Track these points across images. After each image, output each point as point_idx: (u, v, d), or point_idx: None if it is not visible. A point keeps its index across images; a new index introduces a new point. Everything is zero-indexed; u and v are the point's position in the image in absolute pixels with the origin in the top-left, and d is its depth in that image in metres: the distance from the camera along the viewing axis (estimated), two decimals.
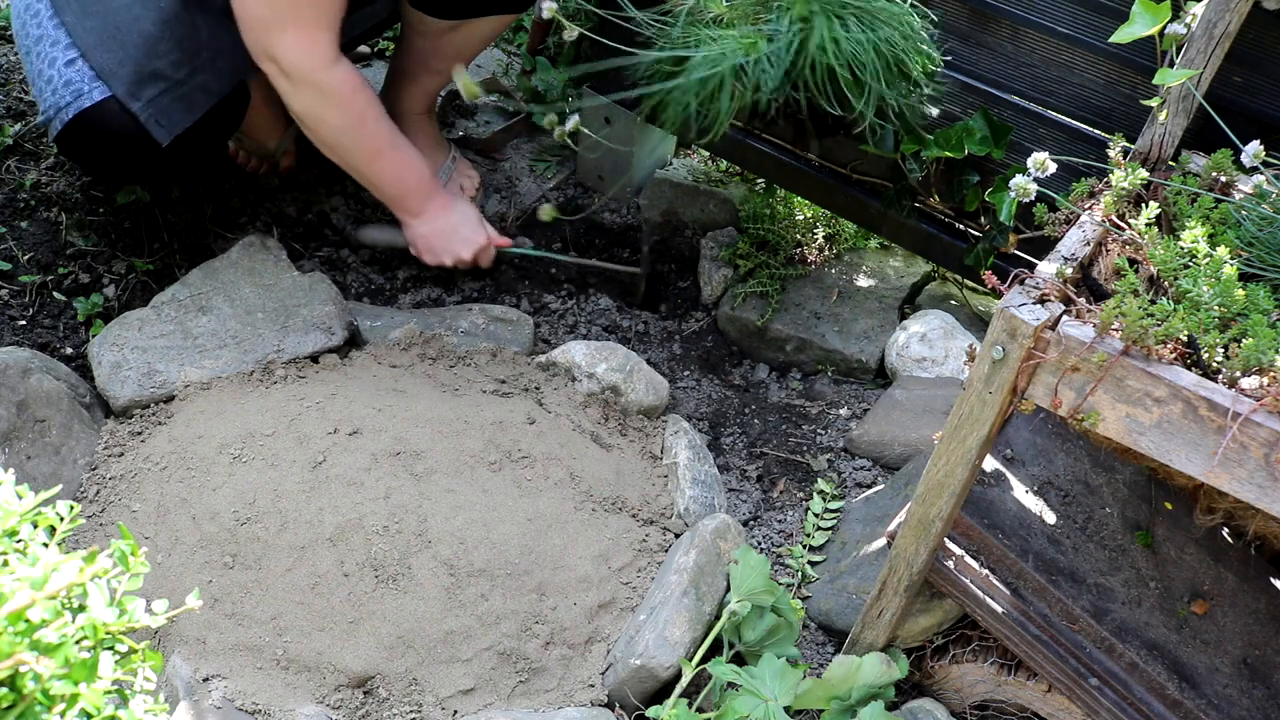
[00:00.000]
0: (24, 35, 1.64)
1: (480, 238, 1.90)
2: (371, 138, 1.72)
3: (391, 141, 1.76)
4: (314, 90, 1.62)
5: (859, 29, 1.52)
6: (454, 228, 1.88)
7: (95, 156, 1.64)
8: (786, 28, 1.52)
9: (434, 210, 1.86)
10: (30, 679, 0.66)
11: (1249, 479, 0.90)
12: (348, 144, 1.72)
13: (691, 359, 2.01)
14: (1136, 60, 1.55)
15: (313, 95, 1.63)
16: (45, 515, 0.82)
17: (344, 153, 1.74)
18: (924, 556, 1.22)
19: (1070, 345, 0.95)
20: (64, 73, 1.57)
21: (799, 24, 1.52)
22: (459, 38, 1.91)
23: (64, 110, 1.56)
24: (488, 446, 1.50)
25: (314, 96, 1.63)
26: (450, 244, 1.89)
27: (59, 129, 1.58)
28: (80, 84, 1.56)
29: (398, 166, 1.79)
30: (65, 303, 1.78)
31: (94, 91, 1.55)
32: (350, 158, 1.75)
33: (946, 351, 1.84)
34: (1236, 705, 1.18)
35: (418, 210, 1.86)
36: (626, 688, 1.32)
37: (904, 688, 1.41)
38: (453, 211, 1.88)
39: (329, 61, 1.60)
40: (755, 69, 1.53)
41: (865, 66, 1.51)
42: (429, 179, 1.84)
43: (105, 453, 1.50)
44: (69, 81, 1.56)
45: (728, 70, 1.54)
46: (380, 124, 1.73)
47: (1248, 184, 1.19)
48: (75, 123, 1.56)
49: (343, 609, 1.32)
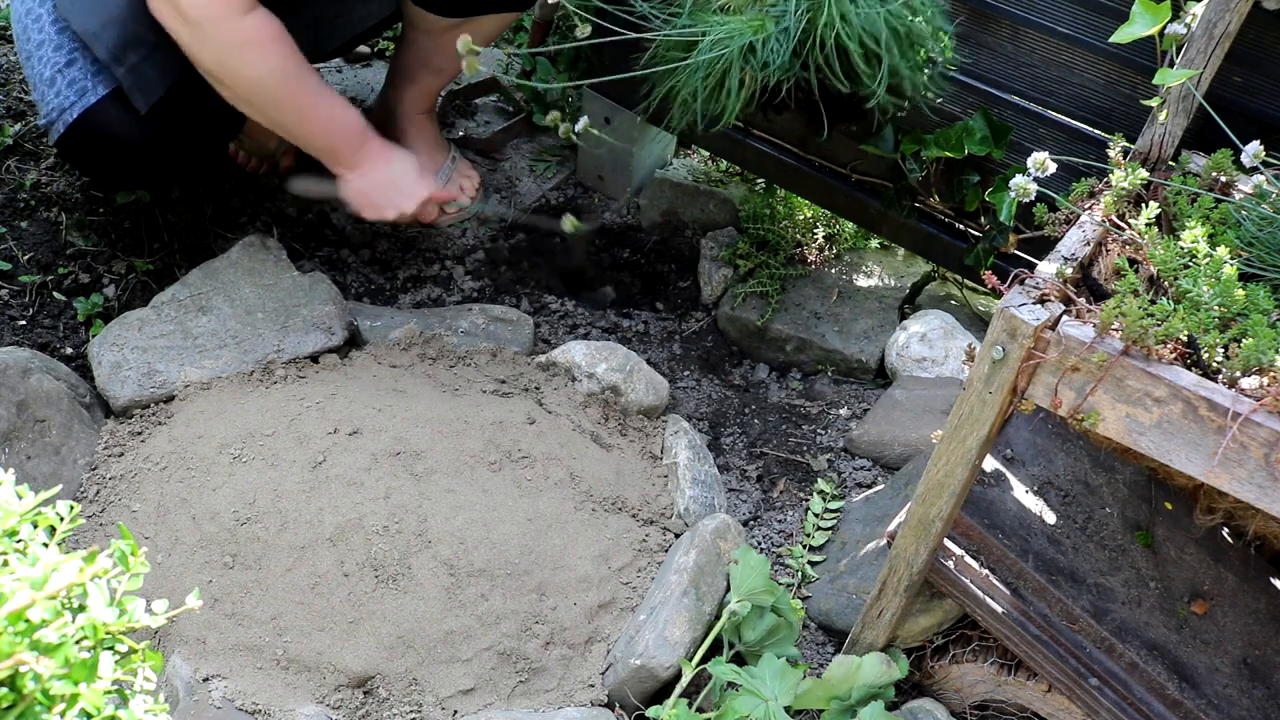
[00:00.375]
0: (25, 40, 1.63)
1: (423, 190, 1.78)
2: (294, 88, 1.58)
3: (316, 91, 1.62)
4: (225, 38, 1.47)
5: (867, 3, 1.49)
6: (393, 180, 1.76)
7: (98, 160, 1.63)
8: (794, 6, 1.49)
9: (370, 162, 1.73)
10: (30, 679, 0.66)
11: (1249, 479, 0.90)
12: (267, 97, 1.57)
13: (691, 359, 2.01)
14: (1136, 60, 1.55)
15: (223, 44, 1.47)
16: (45, 515, 0.82)
17: (264, 106, 1.59)
18: (924, 556, 1.22)
19: (1070, 345, 0.95)
20: (66, 73, 1.56)
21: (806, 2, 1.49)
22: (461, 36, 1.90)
23: (68, 111, 1.55)
24: (488, 446, 1.50)
25: (224, 45, 1.48)
26: (390, 197, 1.77)
27: (62, 131, 1.57)
28: (84, 81, 1.55)
29: (325, 118, 1.65)
30: (65, 303, 1.78)
31: (98, 87, 1.54)
32: (271, 111, 1.60)
33: (946, 351, 1.84)
34: (1236, 705, 1.18)
35: (352, 163, 1.73)
36: (626, 688, 1.32)
37: (904, 688, 1.41)
38: (391, 163, 1.76)
39: (240, 5, 1.45)
40: (764, 48, 1.50)
41: (878, 39, 1.48)
42: (361, 129, 1.71)
43: (105, 453, 1.50)
44: (72, 81, 1.55)
45: (736, 51, 1.50)
46: (302, 73, 1.58)
47: (1248, 184, 1.19)
48: (80, 123, 1.55)
49: (343, 609, 1.32)
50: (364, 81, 2.41)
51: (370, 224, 1.89)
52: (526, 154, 2.35)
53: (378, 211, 1.78)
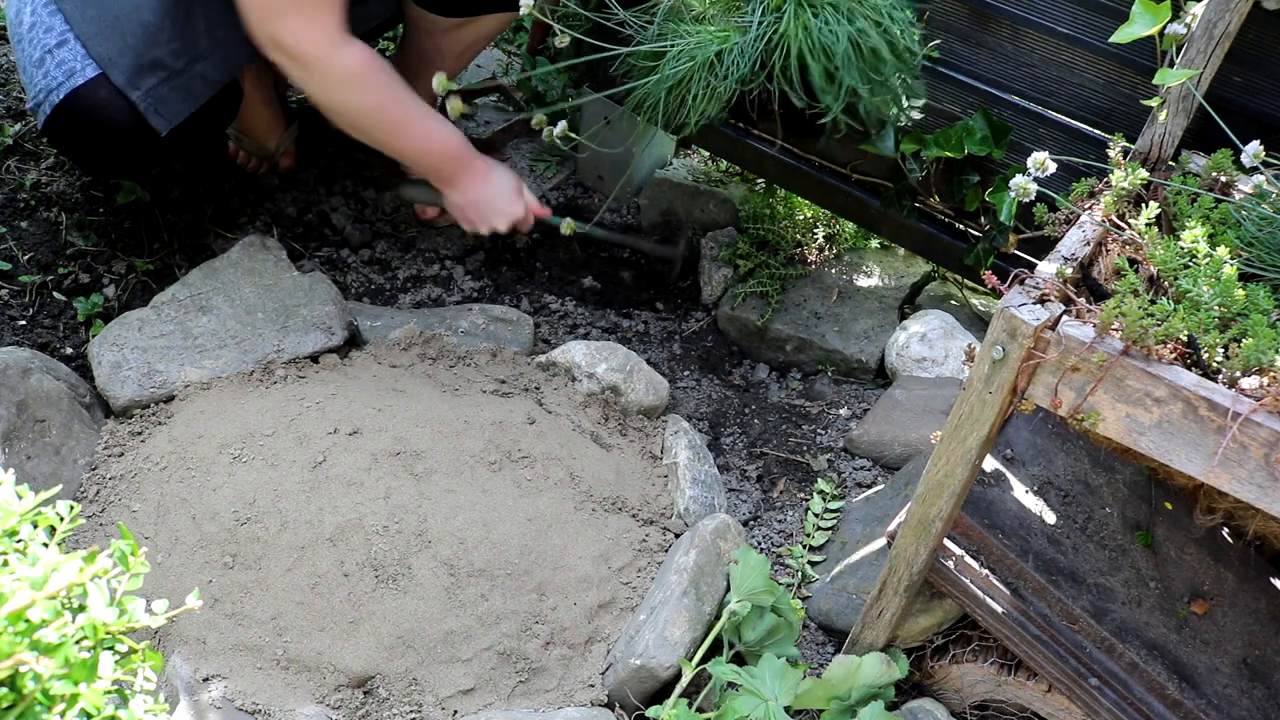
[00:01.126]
0: (17, 24, 1.62)
1: (516, 209, 1.87)
2: (395, 113, 1.69)
3: (417, 114, 1.72)
4: (327, 74, 1.59)
5: (834, 19, 1.51)
6: (490, 199, 1.86)
7: (84, 144, 1.62)
8: (759, 18, 1.52)
9: (469, 180, 1.84)
10: (30, 679, 0.66)
11: (1249, 479, 0.90)
12: (371, 123, 1.69)
13: (691, 359, 2.01)
14: (1136, 60, 1.55)
15: (327, 80, 1.60)
16: (45, 515, 0.82)
17: (370, 132, 1.71)
18: (924, 556, 1.22)
19: (1070, 345, 0.95)
20: (56, 54, 1.55)
21: (773, 14, 1.52)
22: (463, 35, 1.91)
23: (55, 91, 1.55)
24: (488, 446, 1.50)
25: (329, 81, 1.60)
26: (485, 215, 1.87)
27: (48, 113, 1.56)
28: (73, 63, 1.54)
29: (425, 139, 1.76)
30: (65, 303, 1.78)
31: (86, 69, 1.54)
32: (377, 135, 1.72)
33: (946, 351, 1.84)
34: (1236, 705, 1.18)
35: (452, 180, 1.84)
36: (626, 688, 1.32)
37: (904, 688, 1.41)
38: (488, 182, 1.85)
39: (337, 43, 1.57)
40: (727, 59, 1.52)
41: (835, 57, 1.50)
42: (461, 148, 1.81)
43: (105, 453, 1.50)
44: (61, 62, 1.55)
45: (700, 62, 1.54)
46: (402, 98, 1.69)
47: (1248, 184, 1.19)
48: (66, 104, 1.54)
49: (343, 609, 1.32)
50: None
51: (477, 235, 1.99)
52: (526, 154, 2.35)
53: (475, 226, 1.89)
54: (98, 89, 1.55)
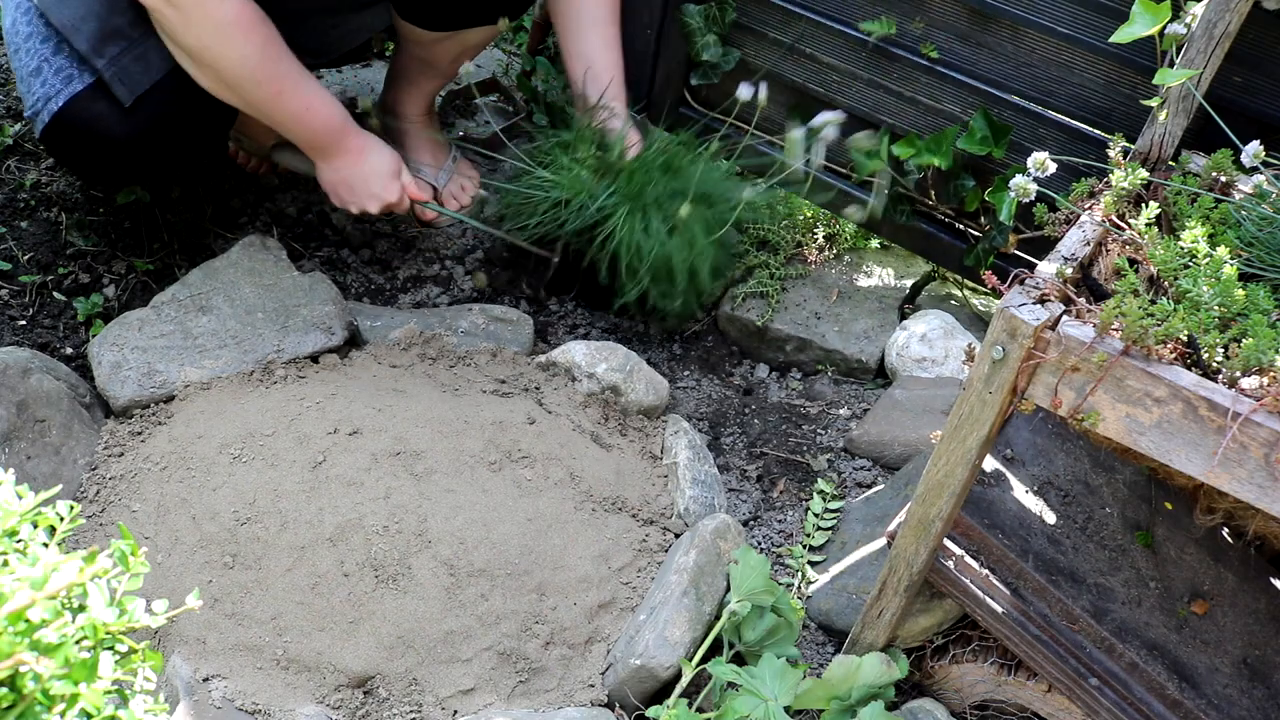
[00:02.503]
0: (14, 34, 1.62)
1: (391, 193, 1.78)
2: (274, 73, 1.58)
3: (297, 80, 1.62)
4: (204, 19, 1.47)
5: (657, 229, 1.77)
6: (364, 178, 1.77)
7: (83, 153, 1.61)
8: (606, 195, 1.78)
9: (344, 156, 1.75)
10: (30, 679, 0.66)
11: (1249, 479, 0.90)
12: (247, 81, 1.56)
13: (691, 359, 2.01)
14: (1136, 60, 1.55)
15: (203, 25, 1.48)
16: (45, 515, 0.82)
17: (243, 89, 1.58)
18: (924, 556, 1.22)
19: (1070, 345, 0.95)
20: (53, 61, 1.55)
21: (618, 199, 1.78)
22: (451, 46, 1.91)
23: (53, 99, 1.54)
24: (488, 446, 1.50)
25: (204, 26, 1.48)
26: (357, 195, 1.79)
27: (46, 121, 1.56)
28: (70, 69, 1.54)
29: (303, 107, 1.65)
30: (65, 303, 1.78)
31: (84, 75, 1.53)
32: (251, 95, 1.59)
33: (946, 351, 1.84)
34: (1236, 705, 1.18)
35: (327, 154, 1.75)
36: (626, 688, 1.32)
37: (904, 688, 1.41)
38: (364, 161, 1.76)
39: None
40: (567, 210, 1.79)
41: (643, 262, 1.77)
42: (339, 121, 1.71)
43: (105, 453, 1.50)
44: (59, 69, 1.54)
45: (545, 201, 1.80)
46: (283, 59, 1.59)
47: (1248, 184, 1.19)
48: (64, 112, 1.54)
49: (343, 609, 1.32)
50: (364, 81, 2.41)
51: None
52: (526, 154, 2.35)
53: (344, 203, 1.81)
54: (93, 100, 1.54)
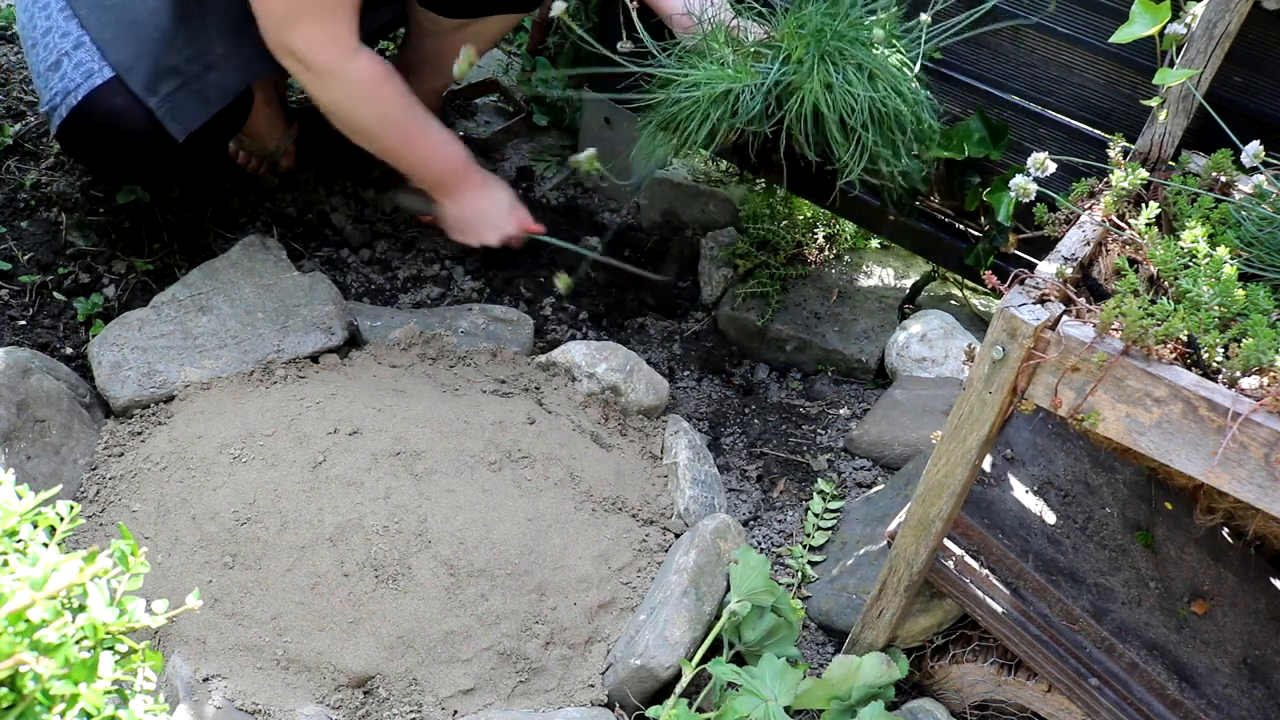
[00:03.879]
0: (31, 28, 1.61)
1: (508, 225, 1.92)
2: (401, 124, 1.73)
3: (422, 126, 1.76)
4: (338, 82, 1.61)
5: (857, 79, 1.48)
6: (484, 213, 1.91)
7: (100, 149, 1.62)
8: (777, 66, 1.51)
9: (465, 193, 1.89)
10: (30, 679, 0.66)
11: (1249, 479, 0.90)
12: (377, 132, 1.73)
13: (691, 359, 2.01)
14: (1136, 60, 1.55)
15: (337, 87, 1.62)
16: (45, 515, 0.82)
17: (374, 140, 1.75)
18: (924, 556, 1.22)
19: (1070, 345, 0.95)
20: (73, 55, 1.55)
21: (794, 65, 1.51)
22: (467, 36, 1.91)
23: (73, 94, 1.54)
24: (488, 446, 1.50)
25: (339, 88, 1.63)
26: (477, 229, 1.92)
27: (64, 115, 1.56)
28: (90, 64, 1.54)
29: (428, 151, 1.80)
30: (65, 303, 1.78)
31: (104, 70, 1.54)
32: (380, 144, 1.76)
33: (946, 351, 1.84)
34: (1236, 705, 1.18)
35: (452, 192, 1.89)
36: (626, 688, 1.32)
37: (904, 688, 1.41)
38: (483, 197, 1.90)
39: (350, 51, 1.60)
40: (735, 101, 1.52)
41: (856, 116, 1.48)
42: (461, 161, 1.86)
43: (105, 453, 1.50)
44: (79, 64, 1.55)
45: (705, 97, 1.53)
46: (409, 109, 1.72)
47: (1248, 184, 1.19)
48: (84, 106, 1.54)
49: (343, 609, 1.32)
50: None
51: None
52: (526, 154, 2.35)
53: (467, 239, 1.95)
54: (113, 95, 1.55)
